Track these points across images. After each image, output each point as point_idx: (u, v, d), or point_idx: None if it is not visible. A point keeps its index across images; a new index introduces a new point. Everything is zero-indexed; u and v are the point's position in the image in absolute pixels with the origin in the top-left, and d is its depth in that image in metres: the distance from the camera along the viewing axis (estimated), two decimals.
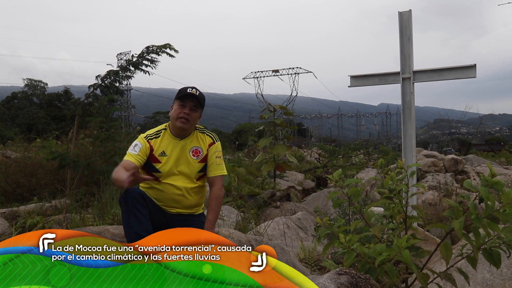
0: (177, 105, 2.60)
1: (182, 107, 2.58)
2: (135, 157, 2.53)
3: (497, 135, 75.28)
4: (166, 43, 6.46)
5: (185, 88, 2.63)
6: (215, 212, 2.61)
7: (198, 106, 2.64)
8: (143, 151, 2.57)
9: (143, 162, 2.57)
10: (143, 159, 2.57)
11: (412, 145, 4.84)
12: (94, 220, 4.20)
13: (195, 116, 2.63)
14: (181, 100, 2.59)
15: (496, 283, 2.63)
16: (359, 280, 1.78)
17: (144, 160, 2.57)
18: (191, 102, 2.60)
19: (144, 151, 2.57)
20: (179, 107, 2.59)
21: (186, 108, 2.58)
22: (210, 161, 2.68)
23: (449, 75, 4.75)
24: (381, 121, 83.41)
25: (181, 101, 2.59)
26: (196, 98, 2.60)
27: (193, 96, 2.59)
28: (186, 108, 2.58)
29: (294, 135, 43.82)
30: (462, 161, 11.23)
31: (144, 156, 2.57)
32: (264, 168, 6.89)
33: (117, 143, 6.34)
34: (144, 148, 2.57)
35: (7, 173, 7.03)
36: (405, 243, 1.81)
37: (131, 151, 2.56)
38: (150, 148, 2.60)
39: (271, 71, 54.07)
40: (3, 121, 37.75)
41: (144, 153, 2.57)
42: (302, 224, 4.61)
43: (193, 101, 2.60)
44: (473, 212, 1.76)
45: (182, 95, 2.59)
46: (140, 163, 2.54)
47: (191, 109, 2.59)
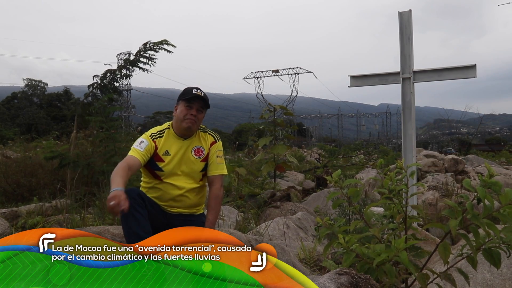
0: (183, 106, 2.60)
1: (189, 108, 2.58)
2: (140, 154, 2.53)
3: (497, 135, 75.31)
4: (163, 39, 6.45)
5: (190, 89, 2.63)
6: (215, 211, 2.61)
7: (204, 107, 2.65)
8: (148, 149, 2.57)
9: (147, 160, 2.57)
10: (147, 157, 2.57)
11: (412, 145, 4.84)
12: (94, 220, 4.20)
13: (201, 117, 2.64)
14: (188, 102, 2.59)
15: (496, 283, 2.63)
16: (359, 280, 1.78)
17: (148, 158, 2.57)
18: (198, 104, 2.60)
19: (149, 149, 2.57)
20: (186, 108, 2.59)
21: (193, 110, 2.58)
22: (211, 160, 2.69)
23: (449, 75, 4.75)
24: (381, 121, 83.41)
25: (188, 102, 2.59)
26: (203, 100, 2.61)
27: (200, 98, 2.59)
28: (193, 109, 2.58)
29: (294, 135, 43.77)
30: (462, 161, 11.23)
31: (148, 154, 2.57)
32: (264, 168, 6.89)
33: (117, 143, 6.34)
34: (149, 146, 2.58)
35: (7, 173, 7.03)
36: (403, 244, 1.82)
37: (136, 147, 2.55)
38: (154, 147, 2.60)
39: (271, 71, 54.07)
40: (3, 121, 37.75)
41: (148, 151, 2.57)
42: (302, 224, 4.61)
43: (200, 103, 2.61)
44: (471, 212, 1.76)
45: (189, 97, 2.59)
46: (144, 160, 2.53)
47: (198, 110, 2.60)
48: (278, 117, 7.41)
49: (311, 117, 79.28)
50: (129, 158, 2.49)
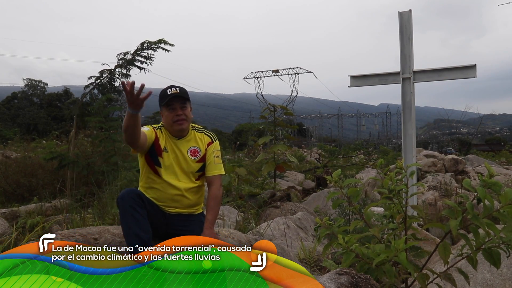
0: (166, 111, 2.58)
1: (172, 110, 2.56)
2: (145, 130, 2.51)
3: (497, 135, 75.29)
4: (160, 39, 6.45)
5: (165, 91, 2.59)
6: (214, 211, 2.61)
7: (185, 101, 2.61)
8: (149, 133, 2.55)
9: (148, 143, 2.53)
10: (151, 140, 2.54)
11: (412, 145, 4.84)
12: (94, 220, 4.20)
13: (188, 111, 2.62)
14: (168, 105, 2.57)
15: (496, 283, 2.63)
16: (359, 280, 1.78)
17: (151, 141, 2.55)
18: (178, 102, 2.57)
19: (150, 134, 2.55)
20: (169, 111, 2.56)
21: (177, 110, 2.56)
22: (209, 160, 2.68)
23: (449, 75, 4.75)
24: (381, 121, 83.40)
25: (168, 105, 2.57)
26: (180, 96, 2.57)
27: (177, 96, 2.56)
28: (176, 109, 2.56)
29: (294, 135, 43.81)
30: (462, 161, 11.22)
31: (150, 136, 2.54)
32: (264, 168, 6.89)
33: (116, 143, 6.34)
34: (150, 132, 2.56)
35: (7, 173, 7.03)
36: (403, 245, 1.82)
37: None
38: (155, 135, 2.59)
39: (271, 71, 54.07)
40: (3, 121, 37.75)
41: (150, 136, 2.54)
42: (302, 224, 4.61)
43: (179, 99, 2.58)
44: (471, 212, 1.76)
45: (167, 100, 2.55)
46: (145, 136, 2.50)
47: (181, 107, 2.57)
48: (278, 117, 7.41)
49: (311, 117, 79.28)
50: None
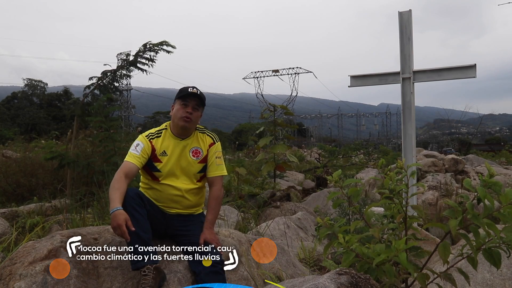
0: (179, 105, 2.59)
1: (185, 106, 2.57)
2: (136, 158, 2.51)
3: (497, 135, 75.31)
4: (162, 41, 6.42)
5: (186, 88, 2.62)
6: (214, 212, 2.60)
7: (200, 105, 2.63)
8: (145, 151, 2.55)
9: (145, 163, 2.56)
10: (145, 160, 2.55)
11: (412, 145, 4.84)
12: (94, 220, 4.20)
13: (197, 115, 2.63)
14: (183, 100, 2.58)
15: (496, 283, 2.63)
16: (359, 280, 1.78)
17: (146, 160, 2.56)
18: (193, 101, 2.59)
19: (145, 151, 2.55)
20: (181, 106, 2.58)
21: (189, 108, 2.57)
22: (210, 161, 2.67)
23: (449, 75, 4.75)
24: (381, 121, 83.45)
25: (183, 100, 2.58)
26: (198, 97, 2.59)
27: (195, 95, 2.58)
28: (188, 107, 2.57)
29: (294, 135, 43.81)
30: (462, 161, 11.23)
31: (146, 156, 2.55)
32: (264, 168, 6.89)
33: (116, 143, 6.34)
34: (146, 148, 2.56)
35: (7, 173, 7.03)
36: (403, 246, 1.81)
37: (133, 151, 2.54)
38: (152, 148, 2.59)
39: (271, 71, 54.08)
40: (3, 121, 37.75)
41: (145, 153, 2.55)
42: (302, 224, 4.61)
43: (195, 100, 2.59)
44: (471, 212, 1.75)
45: (184, 94, 2.58)
46: (141, 163, 2.52)
47: (193, 108, 2.59)
48: (278, 117, 7.41)
49: (311, 117, 79.31)
50: (125, 166, 2.48)
